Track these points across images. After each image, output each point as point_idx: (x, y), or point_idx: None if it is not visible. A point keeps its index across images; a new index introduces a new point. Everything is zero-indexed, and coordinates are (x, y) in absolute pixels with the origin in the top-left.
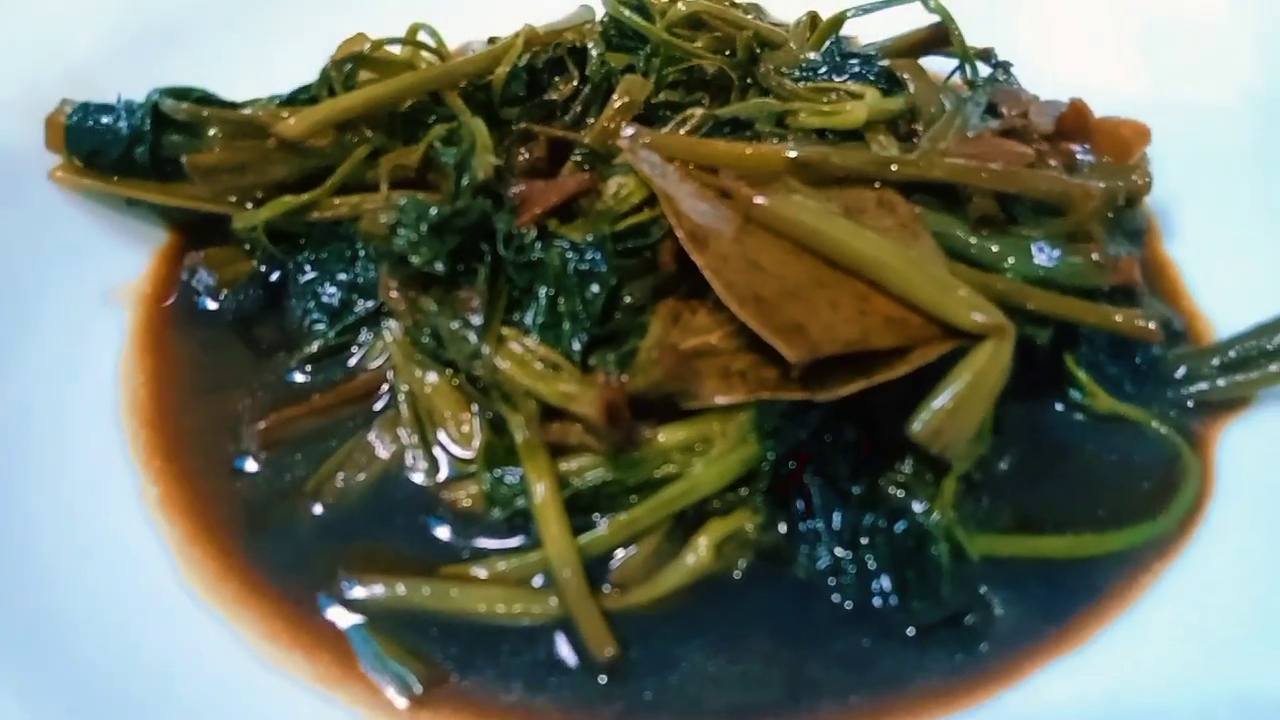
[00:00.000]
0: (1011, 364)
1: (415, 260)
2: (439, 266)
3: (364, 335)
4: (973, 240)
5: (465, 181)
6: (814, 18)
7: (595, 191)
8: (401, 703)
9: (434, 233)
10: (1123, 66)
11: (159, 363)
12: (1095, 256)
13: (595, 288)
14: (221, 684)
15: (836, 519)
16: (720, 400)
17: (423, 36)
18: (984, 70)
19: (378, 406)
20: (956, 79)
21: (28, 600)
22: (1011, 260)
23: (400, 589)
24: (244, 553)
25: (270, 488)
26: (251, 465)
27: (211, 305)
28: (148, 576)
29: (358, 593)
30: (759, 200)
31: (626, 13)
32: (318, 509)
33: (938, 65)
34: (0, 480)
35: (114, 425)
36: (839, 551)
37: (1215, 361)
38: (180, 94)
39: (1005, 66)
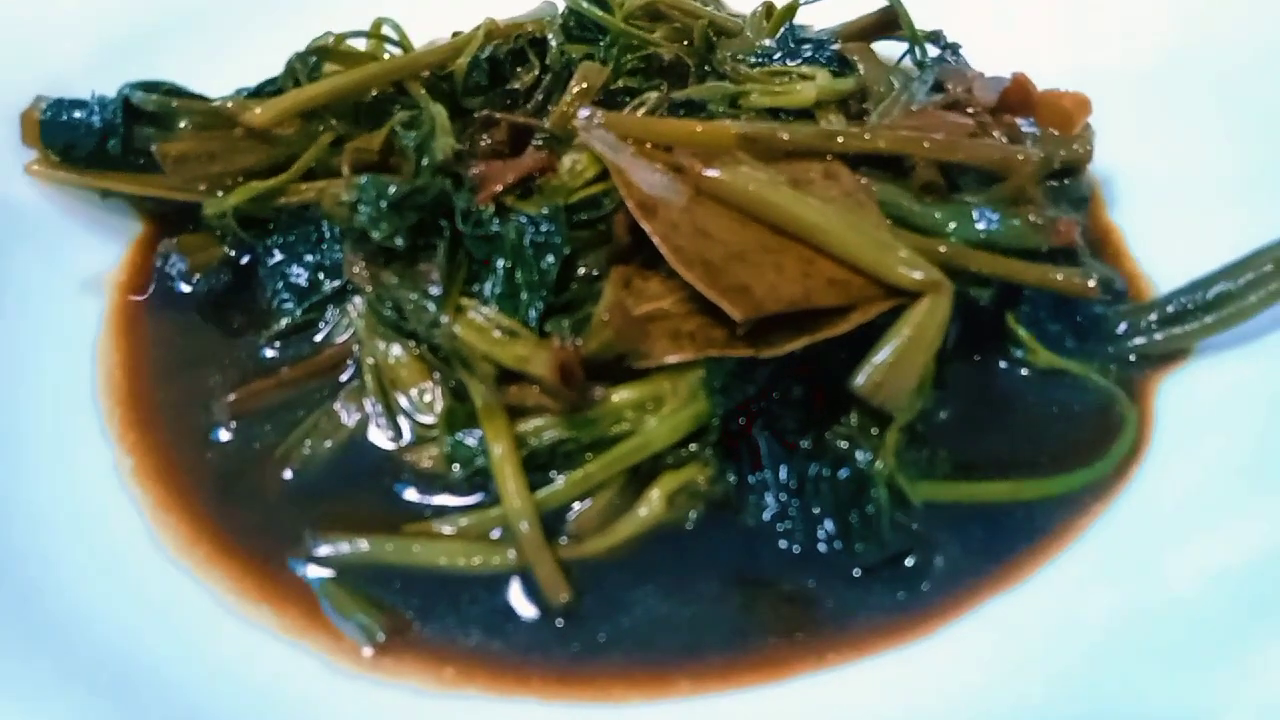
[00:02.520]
0: (953, 321)
1: (376, 235)
2: (399, 241)
3: (330, 312)
4: (917, 207)
5: (425, 162)
6: (769, 7)
7: (552, 169)
8: (366, 650)
9: (394, 209)
10: (1069, 42)
11: (134, 344)
12: (1033, 219)
13: (550, 258)
14: (195, 635)
15: (783, 470)
16: (670, 359)
17: (386, 30)
18: (934, 51)
19: (344, 378)
20: (908, 61)
21: (10, 564)
22: (954, 225)
23: (364, 545)
24: (215, 516)
25: (240, 456)
26: (223, 436)
27: (185, 289)
28: (123, 541)
29: (324, 550)
30: (708, 172)
31: (585, 4)
32: (286, 475)
33: (891, 49)
34: None
35: (91, 403)
36: (785, 499)
37: (1154, 316)
38: (150, 87)
39: (954, 48)
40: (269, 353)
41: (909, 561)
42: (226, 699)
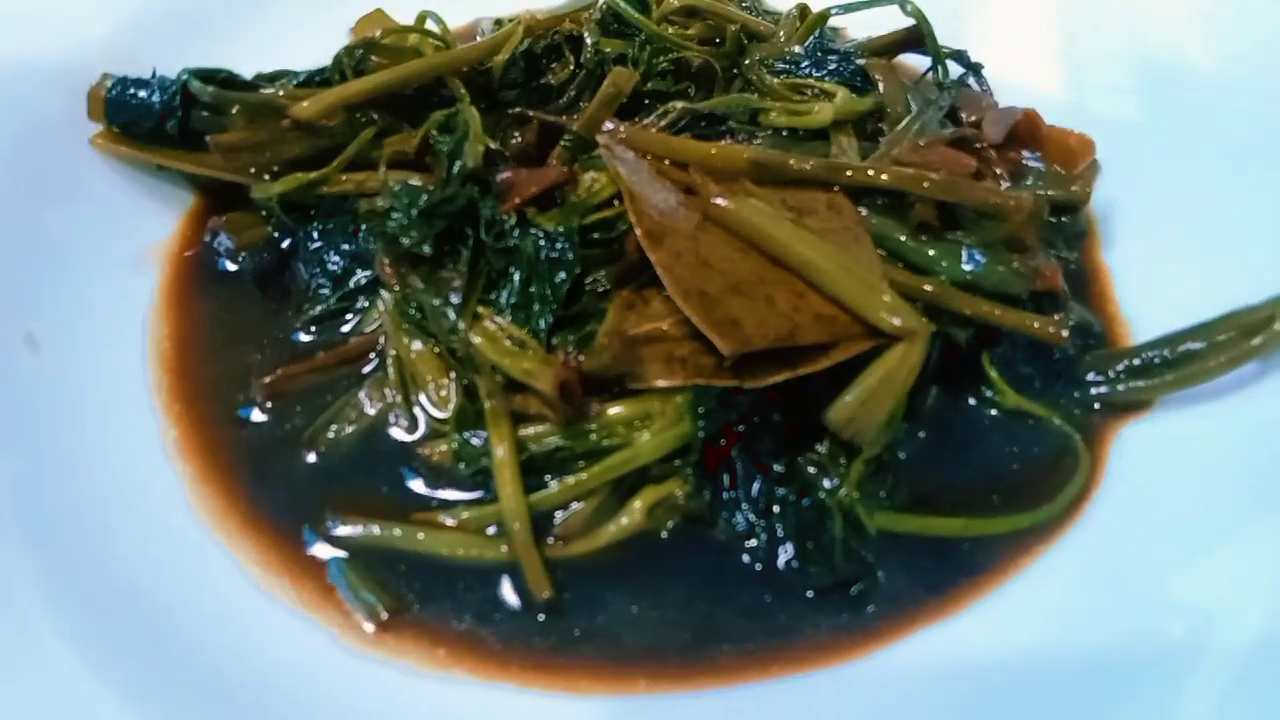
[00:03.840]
0: (932, 355)
1: (405, 242)
2: (426, 249)
3: (361, 301)
4: (911, 244)
5: (456, 169)
6: (804, 10)
7: (573, 181)
8: (369, 627)
9: (423, 217)
10: (1089, 77)
11: (182, 317)
12: (1017, 265)
13: (562, 274)
14: (222, 602)
15: (755, 490)
16: (661, 383)
17: (429, 25)
18: (957, 70)
19: (369, 368)
20: (930, 77)
21: (63, 525)
22: (944, 264)
23: (376, 529)
24: (246, 491)
25: (272, 435)
26: (257, 414)
27: (230, 266)
28: (165, 510)
29: (341, 531)
30: (718, 201)
31: (622, 3)
32: (311, 456)
33: (918, 60)
34: (41, 421)
35: (141, 373)
36: (754, 518)
37: (1121, 366)
38: (207, 75)
39: (976, 69)
40: (303, 336)
41: (857, 587)
42: (241, 666)
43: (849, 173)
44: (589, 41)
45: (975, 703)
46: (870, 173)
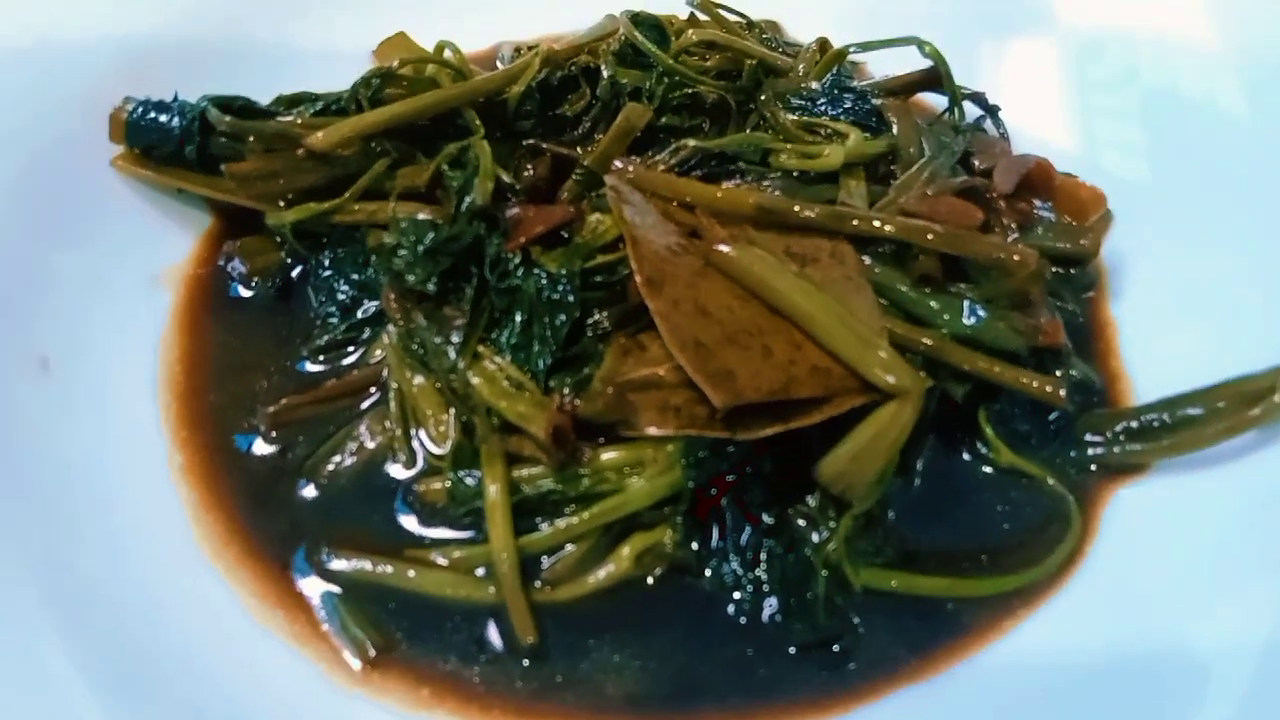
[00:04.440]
0: (925, 414)
1: (410, 279)
2: (431, 287)
3: (367, 332)
4: (914, 295)
5: (465, 204)
6: (824, 44)
7: (580, 220)
8: (356, 664)
9: (429, 255)
10: (1105, 131)
11: (193, 341)
12: (1017, 323)
13: (562, 317)
14: (215, 632)
15: (743, 541)
16: (653, 432)
17: (447, 55)
18: (976, 111)
19: (372, 400)
20: (947, 118)
21: (63, 548)
22: (946, 317)
23: (368, 565)
24: (246, 520)
25: (274, 465)
26: (261, 443)
27: (243, 291)
28: (166, 535)
29: (335, 565)
30: (720, 247)
31: (639, 37)
32: (311, 488)
33: (938, 99)
34: (48, 441)
35: (151, 395)
36: (740, 570)
37: (1119, 428)
38: (225, 103)
39: (994, 111)
40: (309, 365)
41: (839, 645)
42: (227, 697)
43: (854, 222)
44: (605, 74)
45: None
46: (875, 223)
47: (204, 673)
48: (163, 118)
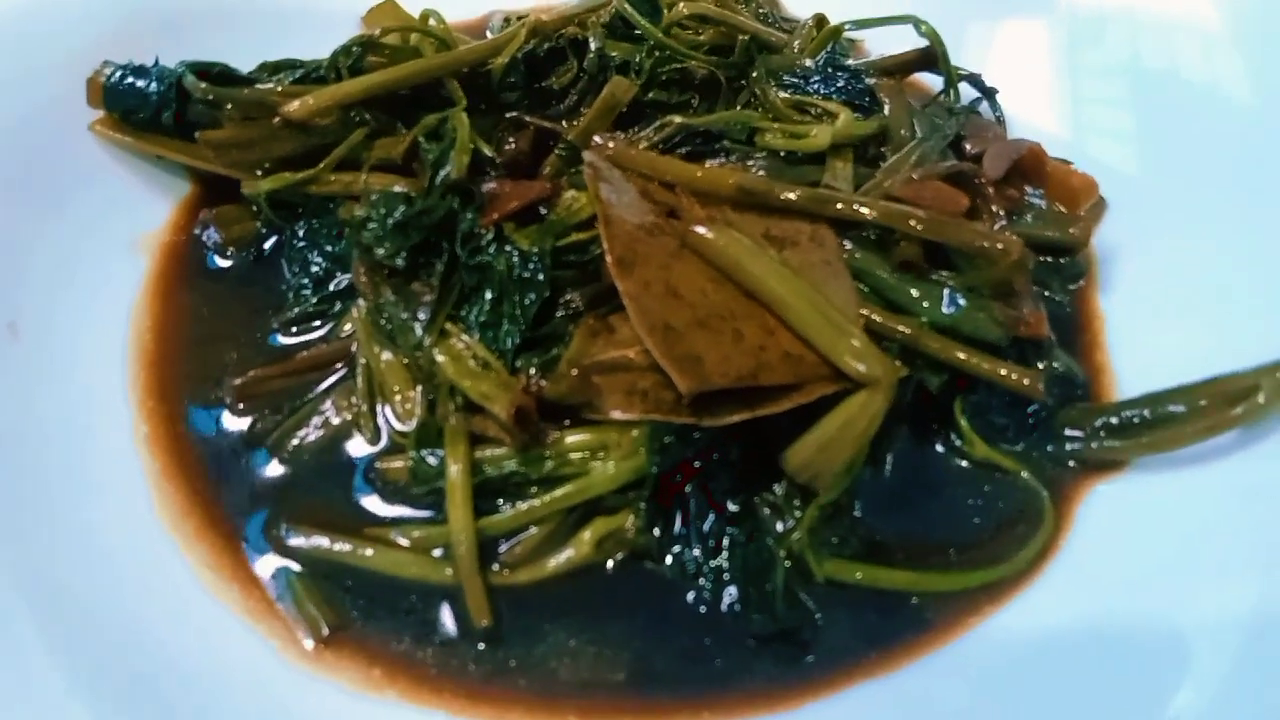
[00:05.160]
0: (900, 404)
1: (379, 253)
2: (399, 261)
3: (339, 305)
4: (893, 282)
5: (440, 177)
6: (820, 19)
7: (557, 196)
8: (309, 643)
9: (399, 229)
10: (1104, 116)
11: (165, 310)
12: (997, 313)
13: (532, 295)
14: (170, 604)
15: (706, 528)
16: (618, 416)
17: (431, 24)
18: (971, 93)
19: (340, 374)
20: (942, 99)
21: (21, 514)
22: (925, 305)
23: (326, 542)
24: (208, 493)
25: (239, 438)
26: (227, 415)
27: (218, 260)
28: (128, 506)
29: (294, 540)
30: (697, 229)
31: (629, 9)
32: (274, 461)
33: (935, 81)
34: (11, 406)
35: (120, 363)
36: (701, 558)
37: (1099, 423)
38: (202, 69)
39: (991, 94)
40: (280, 337)
41: (798, 637)
42: (179, 671)
43: (837, 205)
44: (593, 46)
45: None
46: (857, 207)
47: (158, 645)
48: (140, 83)
